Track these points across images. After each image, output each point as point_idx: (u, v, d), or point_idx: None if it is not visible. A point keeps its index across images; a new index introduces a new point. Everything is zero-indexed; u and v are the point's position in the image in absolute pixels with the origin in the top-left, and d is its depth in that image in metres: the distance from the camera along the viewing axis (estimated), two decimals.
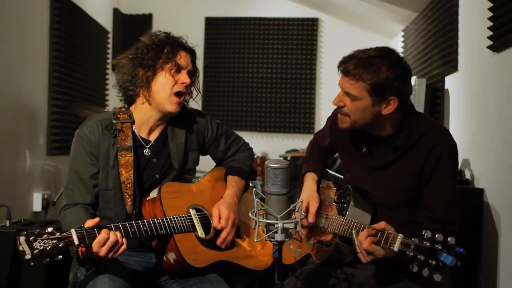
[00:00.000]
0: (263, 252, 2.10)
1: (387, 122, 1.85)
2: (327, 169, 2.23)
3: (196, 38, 2.15)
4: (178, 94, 1.94)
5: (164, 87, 1.92)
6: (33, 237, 1.51)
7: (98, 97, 4.92)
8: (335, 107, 2.09)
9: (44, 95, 3.89)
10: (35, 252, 1.49)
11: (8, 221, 2.68)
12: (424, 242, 1.53)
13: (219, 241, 1.94)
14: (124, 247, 1.67)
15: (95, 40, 4.90)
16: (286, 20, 5.85)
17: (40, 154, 3.84)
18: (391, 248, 1.61)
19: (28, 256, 1.49)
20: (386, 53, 1.80)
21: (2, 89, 3.29)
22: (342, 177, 2.15)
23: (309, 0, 5.69)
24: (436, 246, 1.51)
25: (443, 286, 1.85)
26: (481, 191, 2.58)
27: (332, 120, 2.13)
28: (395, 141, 1.86)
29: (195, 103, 2.12)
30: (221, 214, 1.95)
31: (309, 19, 5.83)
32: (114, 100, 5.01)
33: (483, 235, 2.57)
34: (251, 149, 2.29)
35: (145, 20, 5.93)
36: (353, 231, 1.75)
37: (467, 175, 2.87)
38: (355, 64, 1.77)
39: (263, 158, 4.87)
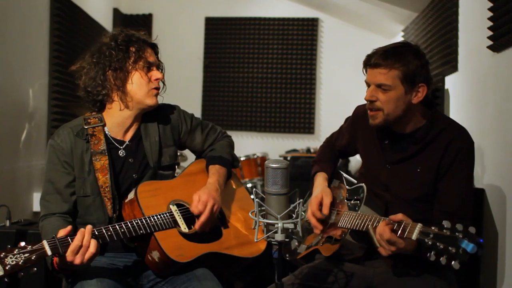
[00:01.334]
0: (252, 239, 2.07)
1: (412, 115, 1.90)
2: (339, 171, 2.24)
3: (196, 38, 2.15)
4: (154, 89, 1.96)
5: (140, 86, 1.93)
6: (4, 253, 1.51)
7: None
8: (335, 106, 2.09)
9: (44, 95, 3.89)
10: (7, 268, 1.49)
11: (8, 221, 2.68)
12: (444, 231, 1.53)
13: (197, 226, 1.92)
14: (98, 252, 1.66)
15: (95, 40, 4.89)
16: (286, 20, 5.85)
17: (40, 154, 3.84)
18: (409, 237, 1.61)
19: (0, 273, 1.49)
20: (407, 44, 1.90)
21: (2, 89, 3.29)
22: (353, 179, 2.16)
23: (309, 0, 5.69)
24: (457, 234, 1.50)
25: (450, 283, 1.86)
26: (481, 191, 2.58)
27: (354, 115, 2.17)
28: (416, 137, 1.90)
29: (195, 103, 2.12)
30: (200, 199, 1.94)
31: (309, 19, 5.83)
32: None
33: (483, 235, 2.56)
34: (229, 136, 2.28)
35: (145, 20, 5.93)
36: (369, 226, 1.75)
37: None
38: (385, 55, 1.84)
39: (263, 158, 4.86)
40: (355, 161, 5.05)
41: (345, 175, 2.21)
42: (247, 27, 5.90)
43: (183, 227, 1.91)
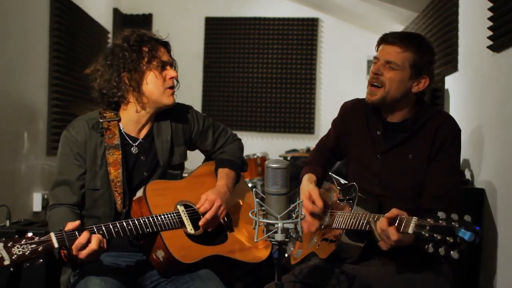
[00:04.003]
0: (257, 245, 2.08)
1: (406, 104, 1.96)
2: (330, 173, 2.23)
3: (196, 38, 2.16)
4: (169, 88, 1.97)
5: (156, 85, 1.94)
6: (11, 243, 1.51)
7: None
8: (335, 106, 2.11)
9: (44, 95, 3.89)
10: (13, 257, 1.49)
11: (8, 221, 2.68)
12: (440, 222, 1.52)
13: (201, 222, 1.93)
14: (104, 249, 1.66)
15: (95, 40, 4.90)
16: (286, 20, 5.85)
17: (40, 154, 3.84)
18: (406, 231, 1.61)
19: (7, 262, 1.49)
20: (424, 38, 2.00)
21: (2, 89, 3.29)
22: (344, 180, 2.16)
23: (309, 0, 5.69)
24: (453, 224, 1.49)
25: (446, 279, 1.86)
26: (481, 191, 2.58)
27: (343, 111, 2.18)
28: (404, 125, 1.95)
29: (196, 103, 2.13)
30: (208, 198, 1.95)
31: (309, 19, 5.83)
32: None
33: (483, 235, 2.56)
34: (239, 140, 2.29)
35: (145, 20, 5.93)
36: (371, 220, 1.75)
37: (467, 175, 2.86)
38: (404, 37, 1.93)
39: (263, 158, 4.86)
40: None
41: (334, 176, 2.19)
42: (247, 27, 5.90)
43: (189, 228, 1.92)
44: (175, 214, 1.90)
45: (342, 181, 2.16)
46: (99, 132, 1.92)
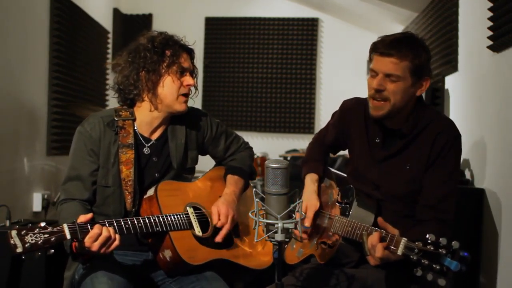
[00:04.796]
0: (263, 251, 2.10)
1: (408, 107, 1.87)
2: (330, 168, 2.22)
3: (196, 38, 2.16)
4: (183, 94, 1.97)
5: (171, 90, 1.94)
6: (24, 231, 1.53)
7: (98, 97, 4.92)
8: (335, 106, 2.09)
9: (44, 95, 3.89)
10: (26, 245, 1.51)
11: (8, 221, 2.68)
12: (428, 246, 1.52)
13: (218, 238, 1.94)
14: (116, 242, 1.67)
15: (95, 40, 4.90)
16: (286, 20, 5.85)
17: (40, 154, 3.84)
18: (395, 252, 1.62)
19: (19, 250, 1.50)
20: (415, 35, 1.88)
21: (2, 89, 3.29)
22: (343, 174, 2.15)
23: (309, 0, 5.69)
24: (440, 250, 1.49)
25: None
26: (481, 191, 2.58)
27: (342, 110, 2.13)
28: (402, 131, 1.89)
29: (195, 103, 2.13)
30: (220, 212, 1.96)
31: (309, 19, 5.83)
32: (114, 100, 5.00)
33: (483, 235, 2.56)
34: (251, 148, 2.30)
35: (145, 20, 5.93)
36: (363, 232, 1.74)
37: (467, 175, 2.86)
38: (398, 44, 1.80)
39: (263, 158, 4.87)
40: None
41: (335, 171, 2.18)
42: (247, 27, 5.90)
43: (197, 230, 1.93)
44: (184, 215, 1.91)
45: (341, 175, 2.15)
46: (114, 130, 1.93)
